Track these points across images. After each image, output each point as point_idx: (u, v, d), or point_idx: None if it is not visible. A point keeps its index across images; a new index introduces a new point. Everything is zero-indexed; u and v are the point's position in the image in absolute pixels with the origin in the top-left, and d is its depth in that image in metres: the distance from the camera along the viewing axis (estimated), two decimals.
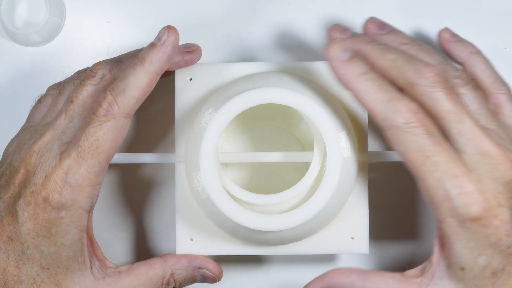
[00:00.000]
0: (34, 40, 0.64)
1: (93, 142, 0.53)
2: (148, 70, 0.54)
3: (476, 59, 0.57)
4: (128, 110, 0.54)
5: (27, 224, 0.54)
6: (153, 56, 0.54)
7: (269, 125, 0.64)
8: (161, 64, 0.54)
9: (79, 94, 0.56)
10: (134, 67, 0.54)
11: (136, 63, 0.54)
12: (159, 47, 0.54)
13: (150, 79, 0.54)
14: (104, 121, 0.53)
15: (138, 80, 0.54)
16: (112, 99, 0.54)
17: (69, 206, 0.53)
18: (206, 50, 0.64)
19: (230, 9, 0.65)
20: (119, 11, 0.65)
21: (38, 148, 0.55)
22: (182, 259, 0.58)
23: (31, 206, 0.53)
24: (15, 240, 0.54)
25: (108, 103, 0.53)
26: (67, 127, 0.55)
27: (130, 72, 0.54)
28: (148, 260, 0.57)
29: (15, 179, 0.55)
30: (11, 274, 0.54)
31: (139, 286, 0.56)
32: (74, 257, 0.54)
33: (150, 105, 0.64)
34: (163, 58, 0.54)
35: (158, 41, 0.55)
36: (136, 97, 0.54)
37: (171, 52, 0.55)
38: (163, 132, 0.65)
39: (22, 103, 0.64)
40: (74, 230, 0.54)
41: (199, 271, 0.58)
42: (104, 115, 0.53)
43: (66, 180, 0.53)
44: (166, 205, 0.65)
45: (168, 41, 0.55)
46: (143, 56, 0.54)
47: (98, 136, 0.53)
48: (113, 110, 0.53)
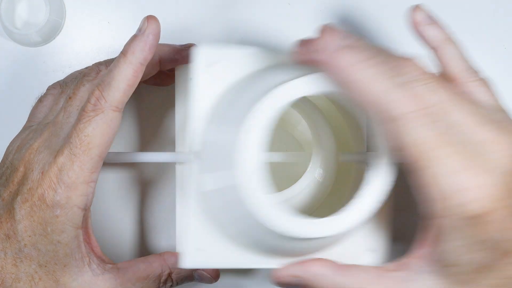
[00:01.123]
0: (34, 40, 0.64)
1: (83, 138, 0.53)
2: (131, 60, 0.54)
3: (447, 46, 0.55)
4: (116, 103, 0.54)
5: (24, 221, 0.54)
6: (135, 47, 0.54)
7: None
8: (144, 54, 0.54)
9: (76, 91, 0.56)
10: (118, 60, 0.54)
11: (120, 56, 0.54)
12: (139, 37, 0.54)
13: (134, 70, 0.54)
14: (93, 116, 0.53)
15: (122, 72, 0.54)
16: (99, 94, 0.53)
17: (64, 204, 0.53)
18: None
19: (229, 9, 0.65)
20: (119, 11, 0.65)
21: (37, 145, 0.55)
22: None
23: (28, 203, 0.53)
24: (12, 238, 0.54)
25: (95, 98, 0.53)
26: (65, 123, 0.56)
27: (114, 66, 0.54)
28: (147, 257, 0.57)
29: (14, 177, 0.55)
30: (9, 272, 0.54)
31: (137, 283, 0.56)
32: (71, 255, 0.54)
33: (150, 104, 0.65)
34: (145, 48, 0.54)
35: (139, 32, 0.54)
36: (123, 89, 0.54)
37: (153, 40, 0.54)
38: (163, 131, 0.65)
39: (22, 103, 0.64)
40: (69, 228, 0.54)
41: (196, 272, 0.58)
42: (92, 110, 0.53)
43: (60, 178, 0.53)
44: (166, 203, 0.65)
45: (148, 30, 0.54)
46: (125, 48, 0.54)
47: (88, 131, 0.53)
48: (100, 105, 0.53)
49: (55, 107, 0.58)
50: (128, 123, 0.65)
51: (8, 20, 0.64)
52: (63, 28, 0.65)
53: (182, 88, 0.59)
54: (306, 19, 0.65)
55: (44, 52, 0.65)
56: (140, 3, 0.65)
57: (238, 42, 0.65)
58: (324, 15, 0.65)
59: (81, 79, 0.57)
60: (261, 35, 0.65)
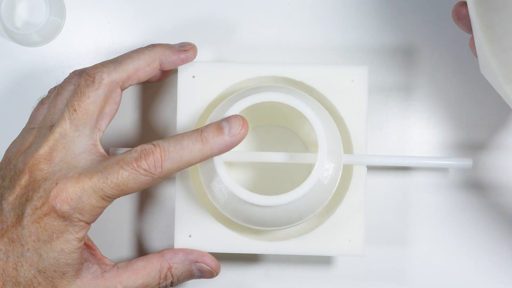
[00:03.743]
0: (34, 40, 0.64)
1: (119, 184, 0.54)
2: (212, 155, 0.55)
3: None
4: (164, 175, 0.54)
5: (30, 227, 0.54)
6: (221, 149, 0.55)
7: (273, 125, 0.64)
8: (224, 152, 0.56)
9: (81, 103, 0.56)
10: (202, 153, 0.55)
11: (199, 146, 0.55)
12: (227, 136, 0.55)
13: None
14: (140, 173, 0.54)
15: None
16: (157, 151, 0.54)
17: (75, 219, 0.54)
18: (206, 49, 0.64)
19: (230, 9, 0.65)
20: (119, 11, 0.65)
21: (44, 153, 0.55)
22: (179, 253, 0.58)
23: (38, 211, 0.54)
24: (16, 241, 0.54)
25: (154, 161, 0.54)
26: (74, 136, 0.56)
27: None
28: (146, 255, 0.58)
29: (20, 181, 0.55)
30: (10, 276, 0.54)
31: (137, 281, 0.57)
32: (72, 264, 0.55)
33: (152, 103, 0.64)
34: (227, 148, 0.55)
35: (225, 127, 0.55)
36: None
37: (237, 143, 0.55)
38: (165, 130, 0.65)
39: (22, 103, 0.64)
40: (74, 240, 0.54)
41: (196, 265, 0.58)
42: (144, 169, 0.54)
43: (80, 197, 0.54)
44: (166, 203, 0.65)
45: (240, 135, 0.55)
46: (212, 148, 0.55)
47: (124, 187, 0.54)
48: (155, 170, 0.54)
49: (53, 108, 0.58)
50: (129, 123, 0.65)
51: (8, 20, 0.64)
52: (63, 28, 0.65)
53: (185, 86, 0.60)
54: (306, 20, 0.65)
55: (44, 52, 0.65)
56: (140, 3, 0.65)
57: (237, 42, 0.65)
58: (324, 16, 0.65)
59: (84, 90, 0.56)
60: (261, 35, 0.65)
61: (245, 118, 0.55)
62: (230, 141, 0.55)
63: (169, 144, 0.54)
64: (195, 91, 0.60)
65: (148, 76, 0.58)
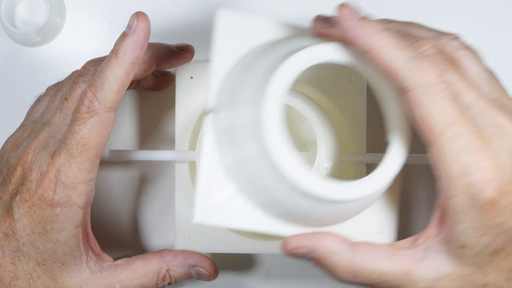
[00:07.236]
0: (34, 40, 0.64)
1: (79, 140, 0.53)
2: (123, 61, 0.53)
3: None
4: (109, 103, 0.53)
5: (23, 220, 0.54)
6: (126, 47, 0.53)
7: None
8: (135, 53, 0.53)
9: (72, 92, 0.56)
10: (109, 60, 0.53)
11: (111, 55, 0.54)
12: (130, 36, 0.53)
13: (126, 70, 0.53)
14: (88, 118, 0.53)
15: (114, 73, 0.53)
16: (92, 95, 0.53)
17: (63, 203, 0.53)
18: (205, 50, 0.64)
19: (229, 9, 0.65)
20: (119, 11, 0.65)
21: (34, 146, 0.55)
22: (178, 256, 0.58)
23: (27, 203, 0.54)
24: (11, 236, 0.54)
25: (88, 99, 0.53)
26: (62, 124, 0.56)
27: (106, 66, 0.53)
28: (145, 254, 0.58)
29: (11, 177, 0.55)
30: (7, 270, 0.54)
31: (135, 280, 0.57)
32: (70, 253, 0.54)
33: (150, 103, 0.65)
34: (136, 47, 0.53)
35: (129, 30, 0.54)
36: (116, 89, 0.53)
37: (144, 39, 0.53)
38: (162, 130, 0.65)
39: (22, 103, 0.64)
40: (69, 227, 0.54)
41: (194, 269, 0.58)
42: (86, 112, 0.53)
43: (59, 178, 0.53)
44: (165, 201, 0.65)
45: (139, 28, 0.53)
46: (116, 47, 0.53)
47: (84, 133, 0.53)
48: (94, 106, 0.53)
49: (51, 105, 0.58)
50: (128, 122, 0.65)
51: (8, 20, 0.64)
52: (63, 28, 0.65)
53: (183, 87, 0.60)
54: (306, 20, 0.65)
55: (44, 52, 0.65)
56: (140, 3, 0.65)
57: None
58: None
59: (76, 79, 0.56)
60: None
61: (141, 11, 0.54)
62: (135, 36, 0.53)
63: (94, 79, 0.54)
64: (193, 92, 0.60)
65: (144, 73, 0.58)
